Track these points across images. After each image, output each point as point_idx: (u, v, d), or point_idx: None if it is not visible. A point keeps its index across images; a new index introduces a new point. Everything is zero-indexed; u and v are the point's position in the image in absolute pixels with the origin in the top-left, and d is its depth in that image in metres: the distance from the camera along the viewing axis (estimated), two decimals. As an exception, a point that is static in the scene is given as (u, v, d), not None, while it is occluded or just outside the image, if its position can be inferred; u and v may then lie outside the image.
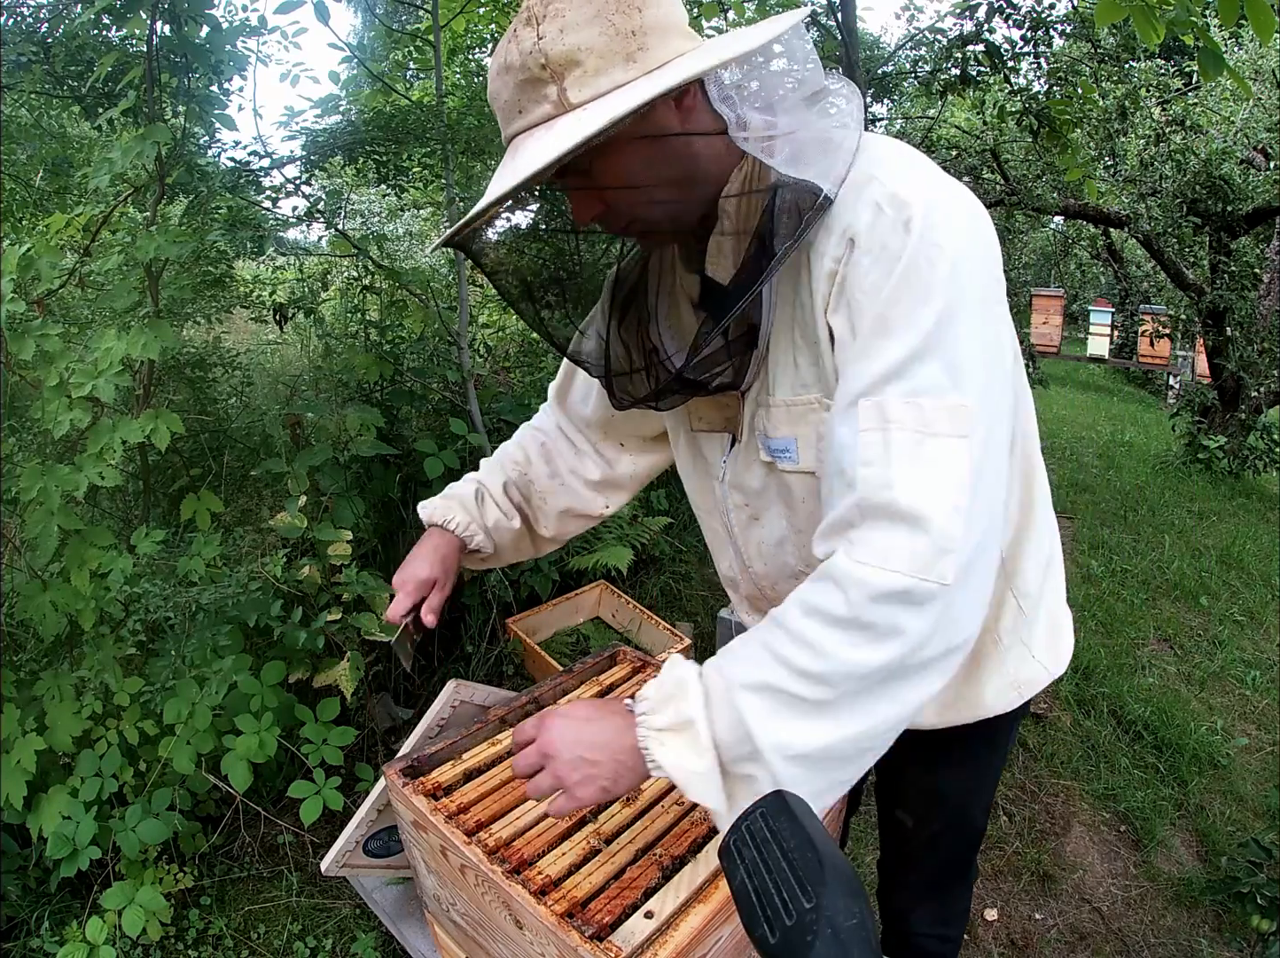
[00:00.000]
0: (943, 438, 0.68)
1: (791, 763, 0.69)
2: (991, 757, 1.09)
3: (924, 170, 0.77)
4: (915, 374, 0.69)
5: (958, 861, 1.18)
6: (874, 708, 0.69)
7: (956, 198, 0.76)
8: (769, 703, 0.69)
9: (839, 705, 0.68)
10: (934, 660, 0.69)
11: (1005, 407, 0.75)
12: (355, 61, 2.84)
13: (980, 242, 0.75)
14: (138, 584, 1.72)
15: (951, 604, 0.68)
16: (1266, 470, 5.59)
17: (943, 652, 0.69)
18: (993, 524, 0.71)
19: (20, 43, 2.08)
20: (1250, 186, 5.35)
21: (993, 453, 0.71)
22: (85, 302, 2.17)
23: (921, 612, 0.68)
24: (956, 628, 0.70)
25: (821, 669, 0.68)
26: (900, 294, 0.71)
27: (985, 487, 0.70)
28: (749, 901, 0.49)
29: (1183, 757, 2.50)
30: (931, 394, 0.69)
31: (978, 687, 0.96)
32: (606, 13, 0.70)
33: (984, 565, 0.71)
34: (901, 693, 0.69)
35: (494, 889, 0.85)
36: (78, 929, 1.68)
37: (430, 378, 2.65)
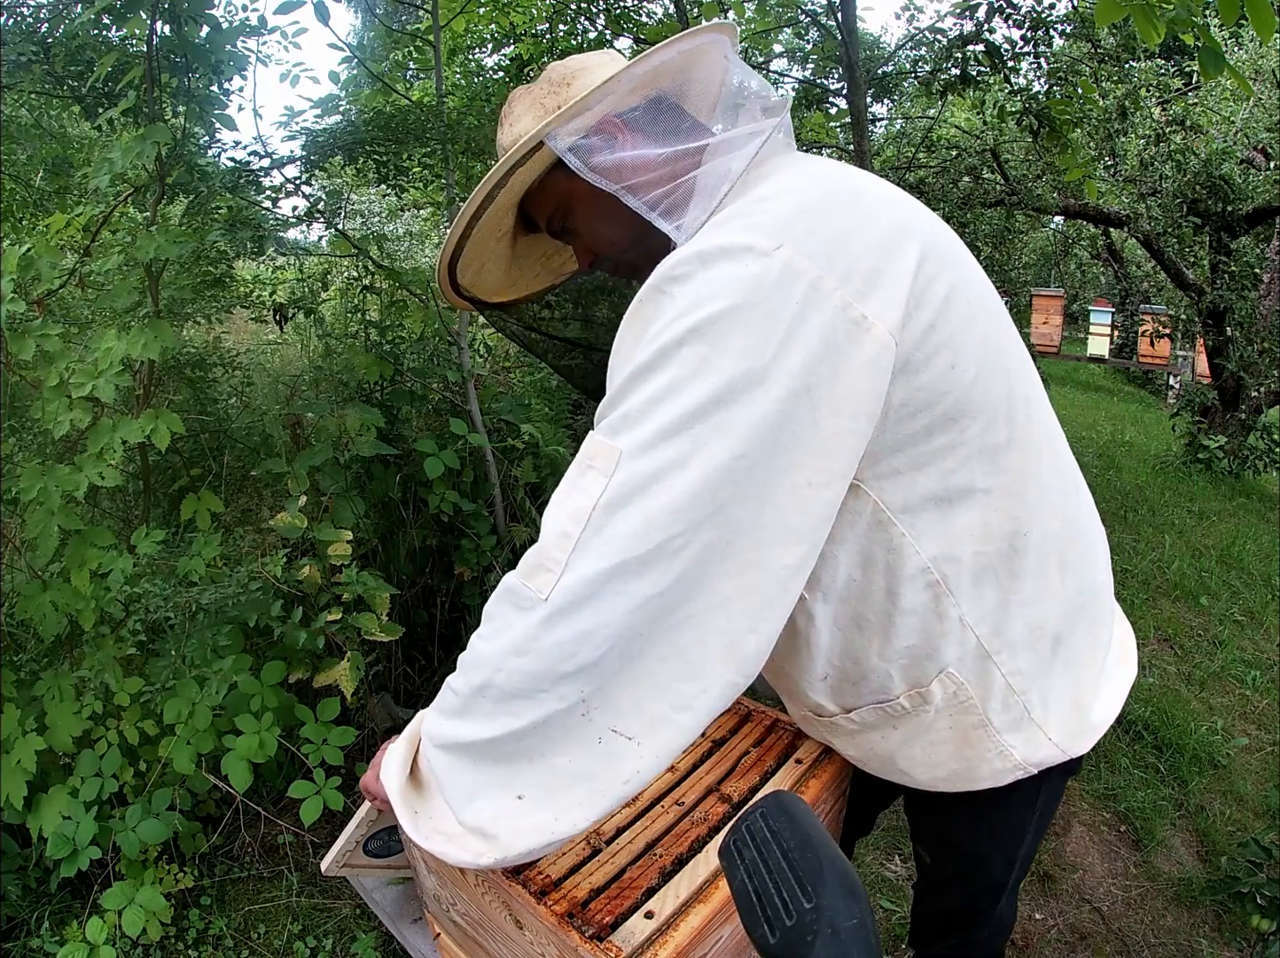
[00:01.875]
0: (593, 472, 0.69)
1: (440, 751, 0.76)
2: (1007, 815, 0.98)
3: (755, 219, 0.70)
4: (606, 416, 0.71)
5: (975, 908, 1.10)
6: (494, 715, 0.71)
7: (766, 258, 0.66)
8: (436, 708, 0.79)
9: (468, 710, 0.73)
10: (541, 676, 0.68)
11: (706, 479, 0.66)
12: (355, 61, 2.84)
13: (766, 308, 0.65)
14: (138, 584, 1.72)
15: (551, 624, 0.68)
16: (1266, 470, 5.59)
17: (546, 669, 0.68)
18: (628, 573, 0.66)
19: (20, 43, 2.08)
20: (1250, 186, 5.35)
21: (644, 505, 0.66)
22: (85, 302, 2.17)
23: (523, 614, 0.70)
24: (556, 651, 0.68)
25: (462, 669, 0.75)
26: (623, 336, 0.74)
27: (617, 530, 0.67)
28: (749, 901, 0.49)
29: (1183, 757, 2.50)
30: (607, 433, 0.70)
31: (968, 764, 0.89)
32: (539, 98, 0.84)
33: (603, 607, 0.67)
34: (515, 705, 0.70)
35: (494, 889, 0.85)
36: (78, 929, 1.68)
37: (430, 378, 2.65)
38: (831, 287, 0.66)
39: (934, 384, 0.72)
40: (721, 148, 0.77)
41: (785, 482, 0.67)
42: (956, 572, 0.79)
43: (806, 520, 0.69)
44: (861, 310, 0.67)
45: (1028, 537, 0.81)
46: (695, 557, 0.66)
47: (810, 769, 1.01)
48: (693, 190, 0.76)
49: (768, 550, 0.68)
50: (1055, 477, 0.85)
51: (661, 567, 0.66)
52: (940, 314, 0.71)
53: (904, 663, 0.84)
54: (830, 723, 0.95)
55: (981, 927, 1.12)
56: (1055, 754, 0.88)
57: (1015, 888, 1.12)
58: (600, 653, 0.67)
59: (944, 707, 0.85)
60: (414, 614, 2.52)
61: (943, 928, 1.18)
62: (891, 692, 0.86)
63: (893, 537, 0.77)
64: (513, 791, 0.72)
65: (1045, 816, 1.02)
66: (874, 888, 2.01)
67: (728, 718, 1.14)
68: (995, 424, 0.76)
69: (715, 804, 0.96)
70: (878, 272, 0.68)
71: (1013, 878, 1.06)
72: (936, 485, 0.76)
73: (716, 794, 0.98)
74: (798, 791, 0.97)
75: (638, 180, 0.77)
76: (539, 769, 0.71)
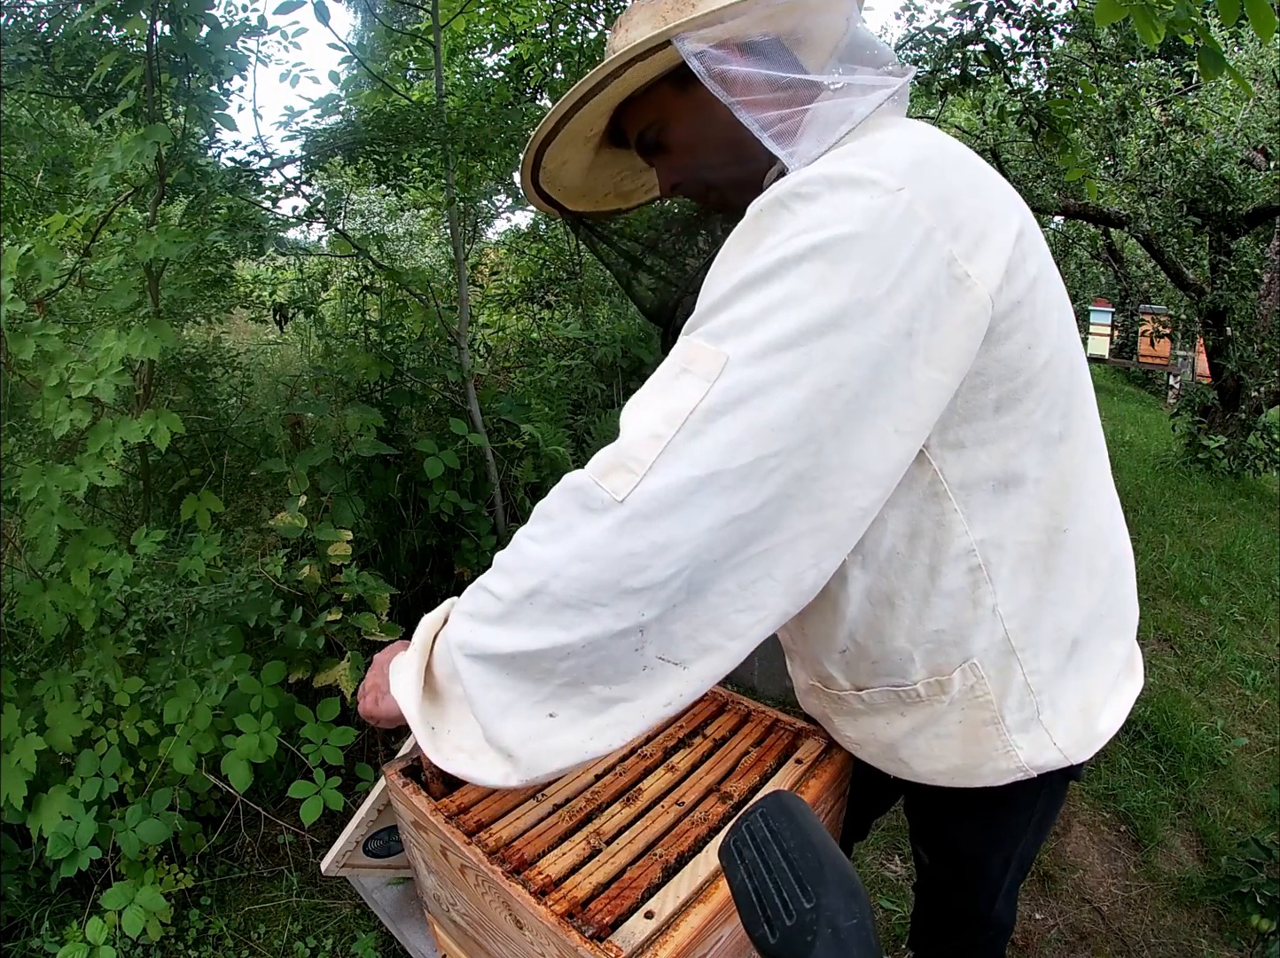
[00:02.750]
0: (690, 377, 0.66)
1: (472, 662, 0.70)
2: (1006, 816, 0.98)
3: (880, 158, 0.68)
4: (705, 321, 0.68)
5: (974, 908, 1.11)
6: (541, 626, 0.67)
7: (890, 195, 0.65)
8: (467, 612, 0.73)
9: (511, 617, 0.68)
10: (604, 586, 0.64)
11: (810, 401, 0.64)
12: (355, 61, 2.84)
13: (886, 243, 0.64)
14: (138, 584, 1.72)
15: (626, 530, 0.63)
16: (1266, 470, 5.60)
17: (611, 580, 0.64)
18: (719, 486, 0.63)
19: (20, 43, 2.07)
20: (1250, 186, 5.35)
21: (748, 417, 0.63)
22: (85, 302, 2.17)
23: (592, 516, 0.65)
24: (626, 562, 0.63)
25: (506, 572, 0.70)
26: (733, 244, 0.71)
27: (714, 439, 0.63)
28: (749, 901, 0.49)
29: (1183, 757, 2.50)
30: (709, 338, 0.67)
31: (972, 761, 0.88)
32: (661, 10, 0.79)
33: (686, 519, 0.63)
34: (567, 617, 0.66)
35: (494, 890, 0.85)
36: (78, 929, 1.68)
37: (430, 378, 2.65)
38: (942, 239, 0.66)
39: (1010, 359, 0.72)
40: (845, 90, 0.76)
41: (876, 424, 0.66)
42: (999, 559, 0.80)
43: (886, 468, 0.68)
44: (966, 268, 0.67)
45: (1066, 534, 0.82)
46: (782, 485, 0.64)
47: (810, 769, 1.01)
48: (808, 123, 0.75)
49: (847, 491, 0.66)
50: (1096, 483, 0.87)
51: (752, 486, 0.63)
52: (1028, 293, 0.72)
53: (929, 648, 0.83)
54: (836, 698, 0.94)
55: (981, 928, 1.12)
56: (1058, 760, 0.88)
57: (1014, 889, 1.12)
58: (671, 573, 0.64)
59: (959, 699, 0.85)
60: (414, 614, 2.51)
61: (942, 929, 1.18)
62: (910, 676, 0.86)
63: (945, 511, 0.77)
64: (546, 708, 0.68)
65: (1045, 818, 1.02)
66: (874, 888, 2.01)
67: (728, 718, 1.14)
68: (1053, 415, 0.77)
69: (715, 804, 0.96)
70: (984, 236, 0.69)
71: (1010, 879, 1.06)
72: (996, 467, 0.76)
73: (716, 794, 0.98)
74: (798, 791, 0.97)
75: (754, 98, 0.75)
76: (577, 692, 0.68)
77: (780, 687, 2.69)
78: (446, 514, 2.44)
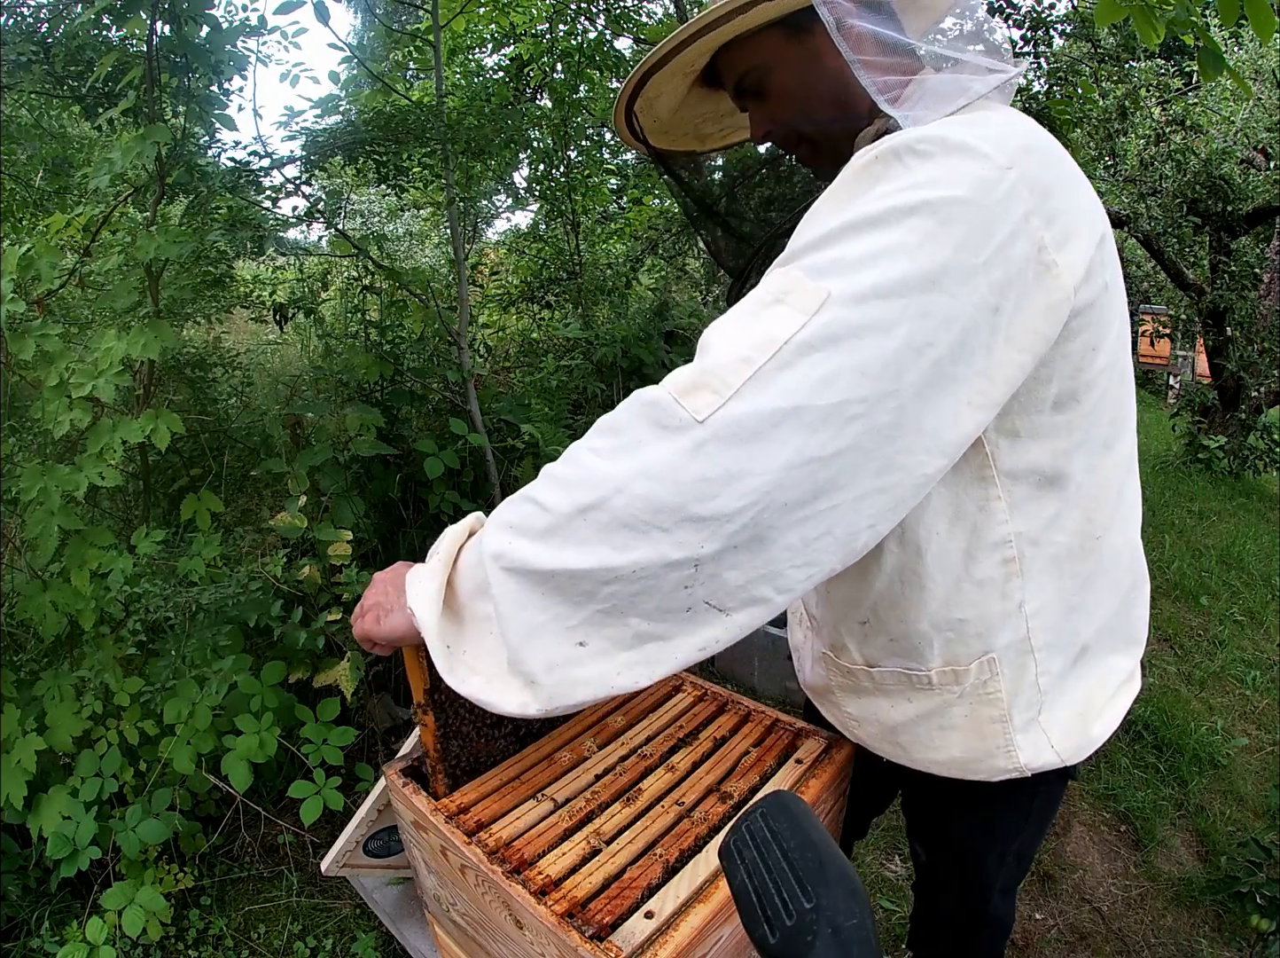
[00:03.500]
0: (785, 307, 0.63)
1: (508, 575, 0.66)
2: (1004, 813, 0.98)
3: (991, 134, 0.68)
4: (805, 256, 0.66)
5: (970, 907, 1.11)
6: (591, 544, 0.63)
7: (999, 171, 0.66)
8: (508, 523, 0.68)
9: (560, 532, 0.64)
10: (667, 509, 0.61)
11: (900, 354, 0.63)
12: (355, 61, 2.85)
13: (990, 215, 0.64)
14: (138, 584, 1.72)
15: (702, 452, 0.61)
16: (1266, 470, 5.60)
17: (677, 503, 0.61)
18: (802, 422, 0.61)
19: (20, 43, 2.07)
20: (1250, 186, 5.35)
21: (840, 358, 0.61)
22: (85, 302, 2.17)
23: (667, 434, 0.62)
24: (698, 487, 0.60)
25: (560, 483, 0.66)
26: (841, 187, 0.69)
27: (805, 374, 0.61)
28: (749, 901, 0.49)
29: (1183, 757, 2.50)
30: (810, 272, 0.65)
31: (971, 756, 0.89)
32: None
33: (765, 452, 0.60)
34: (622, 537, 0.62)
35: (494, 890, 0.85)
36: (78, 929, 1.68)
37: (430, 378, 2.66)
38: (1038, 225, 0.67)
39: (1074, 357, 0.73)
40: (959, 66, 0.78)
41: (952, 393, 0.65)
42: (1033, 555, 0.80)
43: (955, 439, 0.67)
44: (1054, 257, 0.68)
45: (1099, 542, 0.83)
46: (859, 436, 0.62)
47: (810, 769, 1.01)
48: (924, 91, 0.75)
49: (917, 455, 0.65)
50: (1132, 499, 0.88)
51: (833, 429, 0.61)
52: (1099, 296, 0.73)
53: (950, 636, 0.84)
54: (845, 671, 0.94)
55: (979, 925, 1.12)
56: (1054, 762, 0.89)
57: (1012, 889, 1.12)
58: (740, 505, 0.60)
59: (969, 693, 0.85)
60: (414, 614, 2.51)
61: (940, 928, 1.18)
62: (925, 662, 0.86)
63: (989, 497, 0.78)
64: (577, 635, 0.65)
65: (1043, 818, 1.02)
66: (874, 888, 2.01)
67: (728, 718, 1.14)
68: (1104, 421, 0.79)
69: (715, 804, 0.96)
70: (1073, 231, 0.70)
71: (1005, 876, 1.06)
72: (1044, 461, 0.77)
73: (716, 794, 0.98)
74: (798, 791, 0.97)
75: (870, 58, 0.75)
76: (613, 622, 0.65)
77: (780, 687, 2.69)
78: (446, 514, 2.44)
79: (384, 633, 0.78)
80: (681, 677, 1.23)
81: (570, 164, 3.83)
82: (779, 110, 0.86)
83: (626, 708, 1.16)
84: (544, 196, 3.91)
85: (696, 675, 1.24)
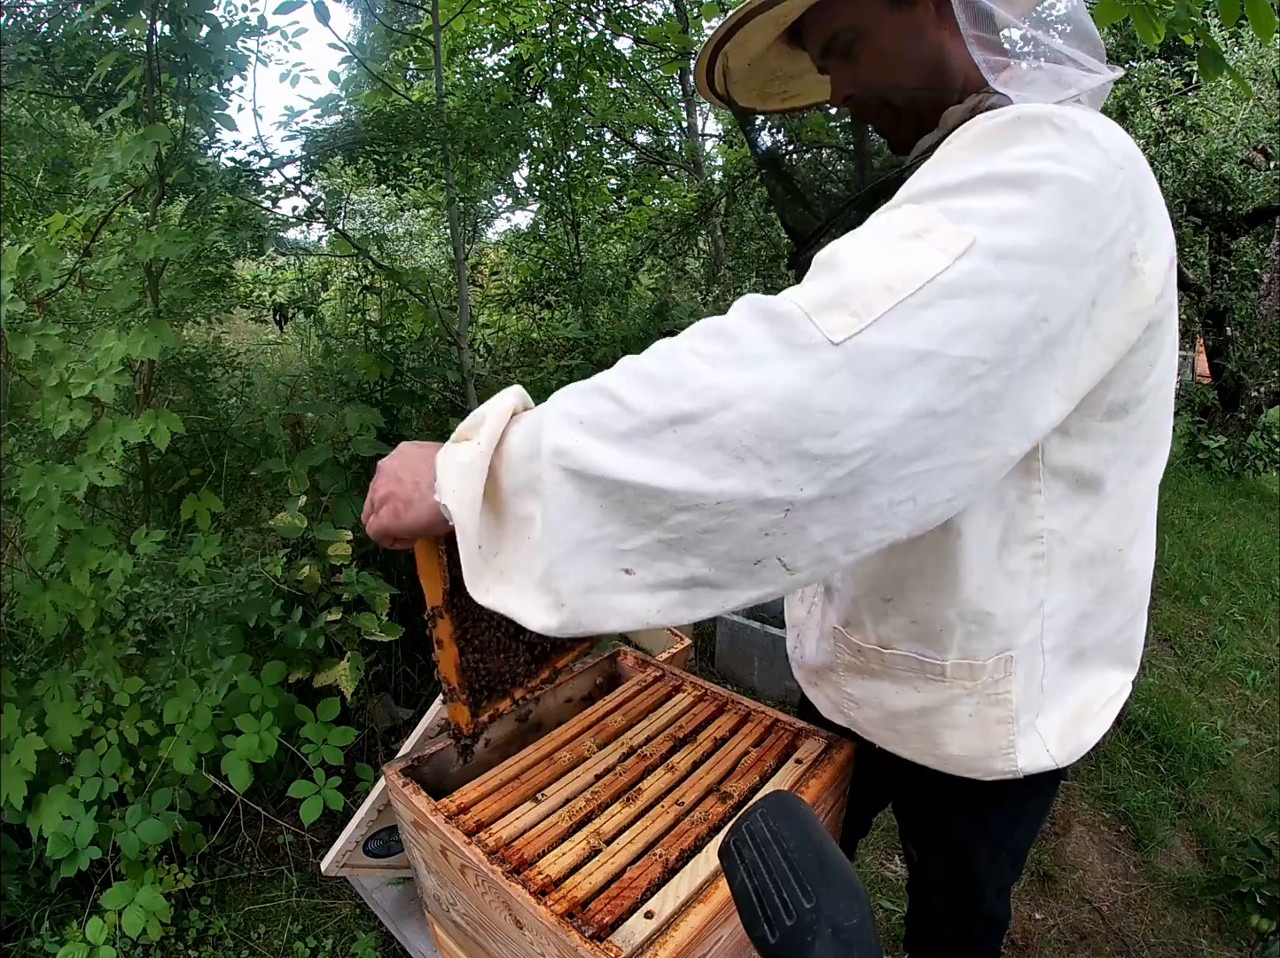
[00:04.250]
0: (926, 245, 0.59)
1: (567, 478, 0.57)
2: (996, 813, 0.99)
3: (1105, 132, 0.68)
4: (942, 197, 0.63)
5: (963, 905, 1.11)
6: (677, 460, 0.55)
7: (1114, 168, 0.65)
8: (578, 418, 0.59)
9: (642, 438, 0.56)
10: (777, 438, 0.54)
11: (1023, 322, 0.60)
12: (355, 61, 2.85)
13: (1105, 208, 0.63)
14: (138, 584, 1.72)
15: (831, 379, 0.55)
16: (1266, 470, 5.60)
17: (791, 433, 0.54)
18: (932, 369, 0.56)
19: (20, 43, 2.07)
20: (1250, 186, 5.36)
21: (978, 311, 0.58)
22: (85, 302, 2.17)
23: (794, 352, 0.56)
24: (818, 419, 0.54)
25: (652, 383, 0.57)
26: (976, 141, 0.67)
27: (944, 318, 0.57)
28: (749, 901, 0.48)
29: (1183, 757, 2.50)
30: (950, 215, 0.61)
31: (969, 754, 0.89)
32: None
33: (892, 394, 0.55)
34: (715, 460, 0.55)
35: (494, 889, 0.85)
36: (78, 929, 1.68)
37: (430, 378, 2.66)
38: (1134, 231, 0.67)
39: (1133, 367, 0.73)
40: (1064, 59, 0.79)
41: (1049, 376, 0.63)
42: (1061, 555, 0.81)
43: (1041, 425, 0.64)
44: (1143, 264, 0.68)
45: (1121, 554, 0.84)
46: (971, 400, 0.58)
47: (810, 769, 1.01)
48: (1033, 78, 0.76)
49: (1008, 435, 0.62)
50: (1153, 520, 0.90)
51: (955, 385, 0.57)
52: (1165, 315, 0.74)
53: (973, 629, 0.83)
54: (856, 650, 0.93)
55: (973, 925, 1.12)
56: (1048, 764, 0.89)
57: (1007, 888, 1.13)
58: (854, 449, 0.55)
59: (980, 691, 0.85)
60: (414, 614, 2.52)
61: (936, 928, 1.18)
62: (943, 651, 0.86)
63: (1030, 489, 0.78)
64: (625, 561, 0.58)
65: (1036, 817, 1.03)
66: (874, 888, 2.01)
67: (728, 718, 1.14)
68: (1141, 438, 0.79)
69: (715, 804, 0.96)
70: (1156, 246, 0.70)
71: (999, 875, 1.06)
72: (1085, 464, 0.77)
73: (716, 794, 0.98)
74: (798, 790, 0.97)
75: (980, 34, 0.76)
76: (670, 556, 0.57)
77: (781, 687, 2.69)
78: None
79: (405, 527, 0.69)
80: (681, 677, 1.23)
81: (570, 164, 3.83)
82: (869, 74, 0.84)
83: (626, 708, 1.16)
84: (544, 196, 3.91)
85: (696, 675, 1.24)
